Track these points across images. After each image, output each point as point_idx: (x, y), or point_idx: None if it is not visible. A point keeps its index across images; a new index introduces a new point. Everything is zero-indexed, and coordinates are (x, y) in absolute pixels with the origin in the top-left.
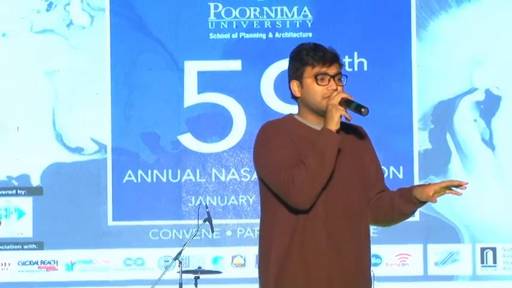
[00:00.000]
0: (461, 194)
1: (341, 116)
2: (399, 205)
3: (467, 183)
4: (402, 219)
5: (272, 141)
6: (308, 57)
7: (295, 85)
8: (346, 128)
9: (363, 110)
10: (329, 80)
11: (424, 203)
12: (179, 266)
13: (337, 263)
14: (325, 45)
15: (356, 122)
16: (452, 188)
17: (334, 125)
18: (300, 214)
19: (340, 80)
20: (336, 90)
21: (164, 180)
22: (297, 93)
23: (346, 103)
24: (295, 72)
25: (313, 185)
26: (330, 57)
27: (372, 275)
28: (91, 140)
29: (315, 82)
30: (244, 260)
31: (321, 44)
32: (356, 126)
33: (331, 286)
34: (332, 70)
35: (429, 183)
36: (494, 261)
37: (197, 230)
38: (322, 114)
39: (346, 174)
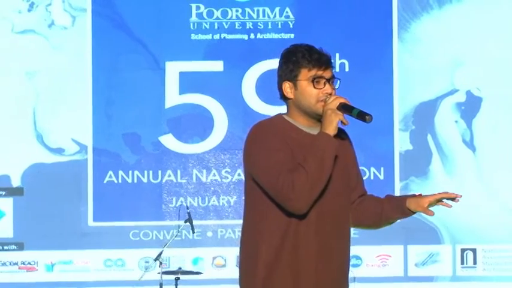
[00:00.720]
0: (452, 206)
1: (338, 121)
2: (389, 213)
3: (461, 196)
4: (387, 225)
5: (267, 143)
6: (304, 59)
7: (287, 86)
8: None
9: (367, 117)
10: (324, 84)
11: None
12: (160, 267)
13: (326, 268)
14: (315, 46)
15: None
16: (443, 200)
17: (332, 130)
18: (292, 217)
19: (333, 83)
20: (331, 94)
21: (145, 181)
22: (289, 95)
23: (345, 108)
24: (288, 73)
25: (312, 191)
26: (325, 61)
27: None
28: (72, 141)
29: (311, 85)
30: (225, 260)
31: (313, 46)
32: (340, 130)
33: None
34: (327, 73)
35: (421, 195)
36: (475, 262)
37: (178, 231)
38: (315, 117)
39: (337, 179)
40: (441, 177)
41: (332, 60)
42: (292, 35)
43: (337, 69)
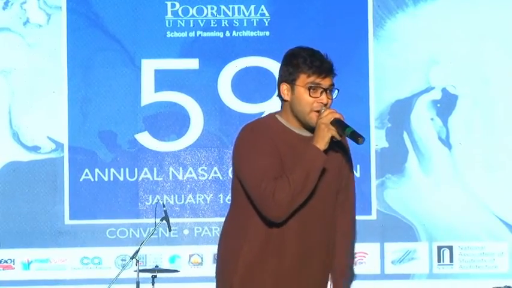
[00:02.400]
0: None
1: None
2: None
3: None
4: None
5: (256, 146)
6: (304, 64)
7: (285, 88)
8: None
9: (359, 139)
10: (321, 93)
11: None
12: (136, 265)
13: (308, 274)
14: (321, 53)
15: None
16: None
17: (323, 145)
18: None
19: (331, 92)
20: (326, 104)
21: (121, 179)
22: (286, 97)
23: (338, 125)
24: (287, 75)
25: (293, 202)
26: (326, 69)
27: None
28: (48, 139)
29: (307, 93)
30: (202, 258)
31: (317, 51)
32: (336, 141)
33: None
34: (326, 82)
35: None
36: (451, 260)
37: (154, 229)
38: (306, 126)
39: (324, 189)
40: (417, 175)
41: (334, 68)
42: (267, 33)
43: None
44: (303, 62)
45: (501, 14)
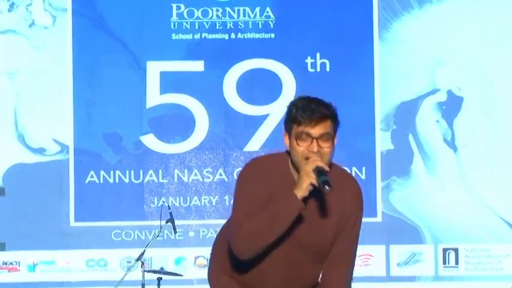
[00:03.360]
0: None
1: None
2: None
3: None
4: None
5: (250, 183)
6: (296, 114)
7: (286, 138)
8: (341, 182)
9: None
10: (312, 141)
11: None
12: (142, 267)
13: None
14: (320, 101)
15: None
16: None
17: (301, 192)
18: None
19: (327, 140)
20: (318, 152)
21: (126, 181)
22: (287, 146)
23: (317, 172)
24: (286, 126)
25: (254, 242)
26: (317, 117)
27: None
28: (53, 141)
29: (296, 142)
30: (207, 260)
31: (316, 99)
32: (351, 186)
33: None
34: (317, 131)
35: None
36: (457, 262)
37: (160, 231)
38: None
39: (308, 234)
40: (423, 177)
41: (334, 114)
42: (272, 35)
43: (318, 69)
44: (295, 112)
45: (506, 16)
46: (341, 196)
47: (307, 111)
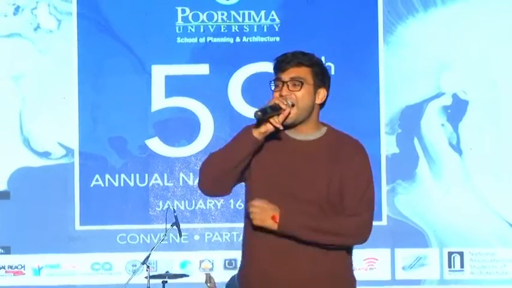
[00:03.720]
0: None
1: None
2: None
3: None
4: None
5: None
6: (275, 64)
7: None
8: (338, 140)
9: (258, 114)
10: (282, 86)
11: None
12: (147, 271)
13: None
14: (294, 49)
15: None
16: None
17: (255, 128)
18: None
19: (296, 85)
20: (286, 96)
21: (132, 184)
22: None
23: (268, 108)
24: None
25: (211, 166)
26: (287, 62)
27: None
28: (58, 145)
29: (272, 89)
30: (212, 264)
31: (297, 50)
32: (350, 143)
33: None
34: (287, 75)
35: None
36: (462, 266)
37: (165, 235)
38: (289, 125)
39: (297, 184)
40: (428, 181)
41: (308, 59)
42: (277, 38)
43: None
44: (274, 62)
45: (511, 20)
46: (336, 151)
47: (281, 57)
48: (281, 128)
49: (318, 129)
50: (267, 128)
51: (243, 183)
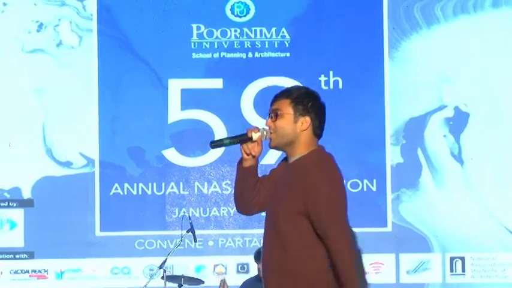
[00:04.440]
0: None
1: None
2: None
3: None
4: None
5: None
6: None
7: None
8: (300, 162)
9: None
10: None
11: None
12: (163, 274)
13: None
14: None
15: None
16: None
17: (242, 162)
18: None
19: (276, 115)
20: (270, 125)
21: (149, 192)
22: None
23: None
24: None
25: (233, 191)
26: (274, 97)
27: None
28: (79, 155)
29: None
30: (226, 268)
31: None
32: (302, 166)
33: None
34: (271, 108)
35: None
36: (463, 270)
37: (181, 240)
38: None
39: (274, 207)
40: (431, 189)
41: (290, 93)
42: (288, 54)
43: (331, 87)
44: None
45: (510, 36)
46: (295, 179)
47: (275, 95)
48: (253, 153)
49: (301, 153)
50: (242, 155)
51: None
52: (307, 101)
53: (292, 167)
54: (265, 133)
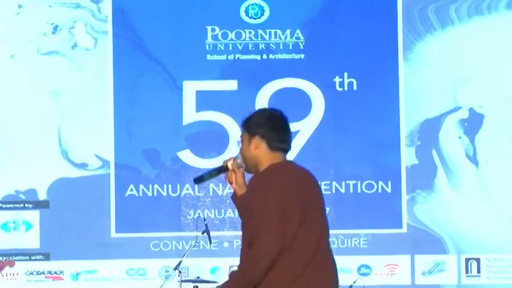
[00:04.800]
0: None
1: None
2: None
3: None
4: None
5: None
6: None
7: None
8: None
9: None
10: None
11: None
12: (179, 276)
13: None
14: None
15: (345, 143)
16: None
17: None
18: None
19: (240, 144)
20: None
21: (164, 194)
22: None
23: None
24: None
25: None
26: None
27: None
28: (95, 156)
29: None
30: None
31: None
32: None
33: None
34: None
35: None
36: (478, 271)
37: (196, 242)
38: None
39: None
40: (446, 190)
41: (246, 122)
42: (302, 56)
43: (346, 88)
44: None
45: None
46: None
47: None
48: (231, 181)
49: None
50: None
51: None
52: (251, 122)
53: None
54: (238, 160)
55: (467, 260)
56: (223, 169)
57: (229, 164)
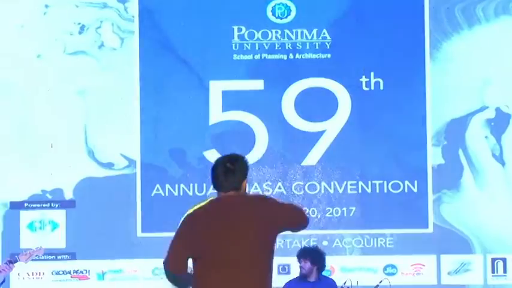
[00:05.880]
0: None
1: None
2: None
3: None
4: None
5: None
6: None
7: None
8: None
9: None
10: None
11: None
12: None
13: None
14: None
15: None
16: None
17: None
18: None
19: None
20: None
21: (190, 194)
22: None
23: None
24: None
25: None
26: None
27: None
28: (121, 156)
29: None
30: None
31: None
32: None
33: None
34: None
35: None
36: (505, 271)
37: None
38: None
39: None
40: (472, 190)
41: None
42: (329, 55)
43: (372, 88)
44: None
45: None
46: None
47: None
48: None
49: None
50: None
51: None
52: None
53: None
54: None
55: (493, 260)
56: None
57: None
